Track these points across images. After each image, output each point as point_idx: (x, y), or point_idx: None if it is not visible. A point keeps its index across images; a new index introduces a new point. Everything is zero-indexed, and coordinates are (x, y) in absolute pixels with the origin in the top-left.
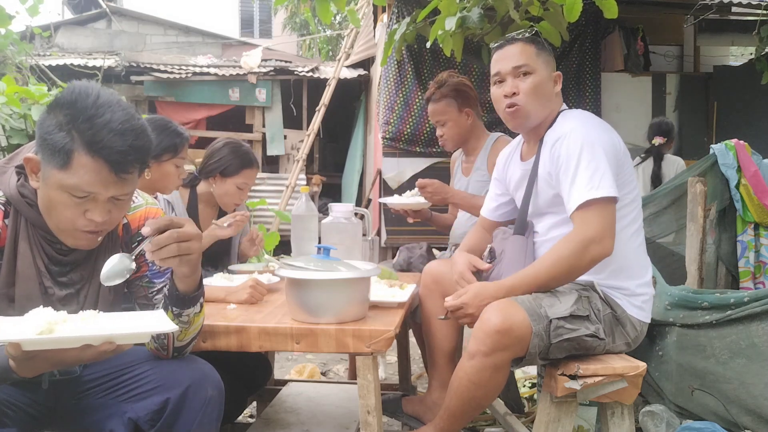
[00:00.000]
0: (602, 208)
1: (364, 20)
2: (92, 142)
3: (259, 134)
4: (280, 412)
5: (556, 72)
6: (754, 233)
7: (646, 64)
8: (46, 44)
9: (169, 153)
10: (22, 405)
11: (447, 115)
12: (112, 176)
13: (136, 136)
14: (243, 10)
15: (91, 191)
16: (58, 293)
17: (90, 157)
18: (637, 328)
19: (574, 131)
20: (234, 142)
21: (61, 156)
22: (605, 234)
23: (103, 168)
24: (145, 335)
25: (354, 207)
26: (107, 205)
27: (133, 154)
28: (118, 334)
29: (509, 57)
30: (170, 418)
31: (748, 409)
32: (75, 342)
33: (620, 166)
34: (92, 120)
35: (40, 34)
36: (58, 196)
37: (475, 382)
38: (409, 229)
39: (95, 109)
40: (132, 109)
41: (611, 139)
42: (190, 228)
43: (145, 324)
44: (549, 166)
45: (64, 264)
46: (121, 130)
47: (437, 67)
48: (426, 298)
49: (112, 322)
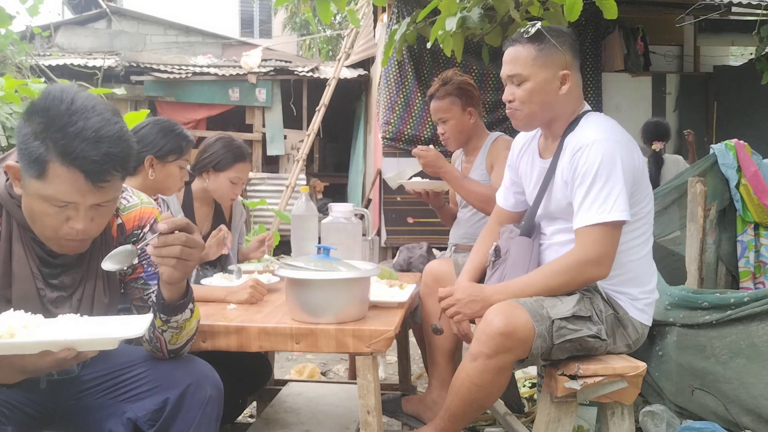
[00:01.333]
0: (608, 232)
1: (364, 20)
2: (65, 153)
3: (259, 134)
4: (280, 412)
5: (563, 71)
6: (754, 233)
7: (646, 64)
8: (46, 44)
9: (174, 154)
10: (20, 405)
11: (450, 113)
12: (88, 185)
13: (112, 143)
14: (243, 10)
15: (69, 201)
16: (50, 295)
17: (65, 167)
18: (638, 330)
19: (596, 144)
20: (226, 137)
21: (37, 166)
22: (605, 258)
23: (79, 178)
24: (110, 341)
25: (354, 207)
26: (89, 213)
27: (109, 162)
28: (77, 340)
29: (506, 63)
30: (169, 417)
31: (748, 409)
32: (31, 348)
33: (637, 184)
34: (65, 129)
35: (40, 34)
36: (38, 205)
37: (478, 384)
38: (409, 229)
39: (68, 116)
40: (109, 113)
41: (632, 156)
42: (198, 236)
43: (110, 329)
44: (567, 173)
45: (54, 266)
46: (95, 138)
47: (437, 67)
48: (426, 297)
49: (84, 328)
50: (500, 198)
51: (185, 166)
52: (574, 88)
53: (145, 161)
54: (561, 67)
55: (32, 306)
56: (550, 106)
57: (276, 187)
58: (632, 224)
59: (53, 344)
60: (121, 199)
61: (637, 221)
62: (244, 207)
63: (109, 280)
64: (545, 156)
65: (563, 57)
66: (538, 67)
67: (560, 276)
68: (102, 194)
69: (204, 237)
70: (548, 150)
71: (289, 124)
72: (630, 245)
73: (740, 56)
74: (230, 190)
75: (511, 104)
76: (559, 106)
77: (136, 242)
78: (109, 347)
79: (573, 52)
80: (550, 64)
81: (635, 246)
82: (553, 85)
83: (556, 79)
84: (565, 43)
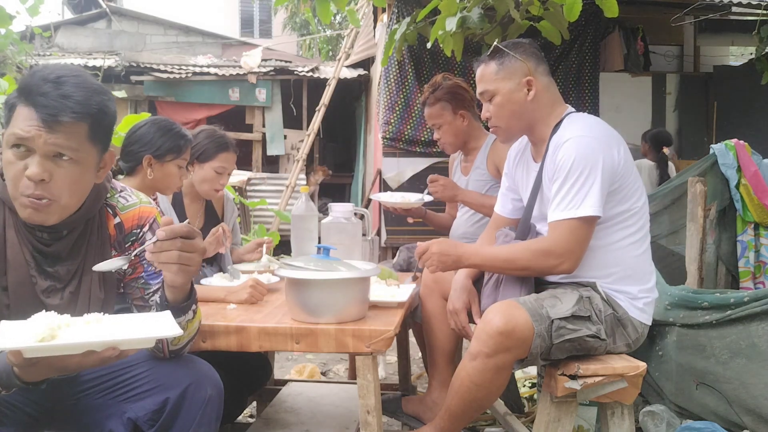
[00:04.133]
0: (577, 228)
1: (364, 20)
2: (25, 90)
3: (259, 134)
4: (280, 412)
5: (526, 78)
6: (754, 233)
7: (646, 64)
8: (46, 44)
9: (173, 154)
10: (20, 405)
11: (442, 118)
12: (41, 124)
13: (75, 88)
14: (243, 10)
15: (23, 139)
16: (41, 283)
17: (25, 106)
18: (638, 330)
19: (571, 141)
20: (209, 128)
21: (7, 113)
22: (570, 253)
23: (33, 114)
24: (150, 340)
25: (354, 207)
26: (46, 164)
27: (65, 102)
28: (121, 339)
29: (477, 83)
30: (169, 417)
31: (748, 409)
32: (77, 348)
33: (621, 179)
34: (33, 74)
35: (40, 34)
36: (6, 156)
37: (477, 383)
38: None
39: (43, 68)
40: (87, 76)
41: (611, 152)
42: (198, 241)
43: (149, 329)
44: (549, 172)
45: (46, 255)
46: (56, 79)
47: (437, 67)
48: (426, 297)
49: (116, 326)
50: (498, 205)
51: (184, 165)
52: (543, 92)
53: (143, 161)
54: (524, 74)
55: (26, 294)
56: (521, 114)
57: (276, 187)
58: (626, 220)
59: (99, 344)
60: (120, 198)
61: (630, 217)
62: (238, 204)
63: (105, 277)
64: (537, 160)
65: (524, 65)
66: (501, 80)
67: (523, 257)
68: (55, 138)
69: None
70: (539, 154)
71: (289, 124)
72: (625, 242)
73: (740, 56)
74: (215, 181)
75: (490, 122)
76: (531, 112)
77: (135, 242)
78: (147, 346)
79: (535, 59)
80: (512, 75)
81: (631, 243)
82: (519, 93)
83: (521, 87)
84: (525, 53)
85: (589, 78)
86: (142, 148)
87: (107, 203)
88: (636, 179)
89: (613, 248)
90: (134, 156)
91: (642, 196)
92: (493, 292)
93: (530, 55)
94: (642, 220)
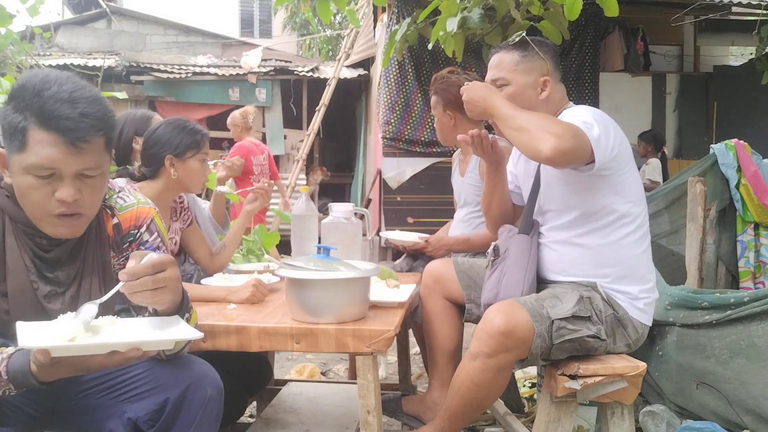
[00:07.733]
0: (581, 135)
1: (364, 20)
2: (42, 115)
3: (259, 134)
4: (280, 412)
5: (543, 77)
6: (754, 233)
7: (646, 64)
8: (46, 44)
9: (192, 149)
10: (21, 405)
11: (435, 110)
12: (69, 147)
13: (89, 104)
14: (243, 10)
15: (51, 167)
16: (43, 288)
17: (43, 131)
18: (638, 330)
19: (572, 110)
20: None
21: (18, 137)
22: (564, 142)
23: (58, 139)
24: (170, 342)
25: (354, 207)
26: (75, 183)
27: (86, 120)
28: (146, 341)
29: (491, 68)
30: (169, 417)
31: (748, 409)
32: (103, 348)
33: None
34: (40, 94)
35: (40, 34)
36: (24, 180)
37: (478, 383)
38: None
39: (43, 84)
40: (85, 83)
41: (610, 129)
42: (170, 271)
43: (170, 331)
44: None
45: (46, 260)
46: (70, 98)
47: (437, 67)
48: (426, 297)
49: (135, 328)
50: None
51: (205, 159)
52: (553, 94)
53: (165, 161)
54: (542, 73)
55: (27, 300)
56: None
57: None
58: (624, 218)
59: (123, 345)
60: (118, 199)
61: (628, 215)
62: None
63: (104, 279)
64: None
65: (545, 65)
66: (520, 72)
67: (530, 121)
68: (83, 158)
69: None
70: None
71: (289, 124)
72: (625, 241)
73: (740, 56)
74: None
75: None
76: (539, 111)
77: (133, 242)
78: (168, 347)
79: (554, 63)
80: (531, 70)
81: (631, 242)
82: (533, 91)
83: (537, 85)
84: (547, 53)
85: (589, 78)
86: (162, 149)
87: (105, 204)
88: (633, 171)
89: (613, 246)
90: (155, 159)
91: (638, 190)
92: (495, 286)
93: (552, 56)
94: (641, 218)
